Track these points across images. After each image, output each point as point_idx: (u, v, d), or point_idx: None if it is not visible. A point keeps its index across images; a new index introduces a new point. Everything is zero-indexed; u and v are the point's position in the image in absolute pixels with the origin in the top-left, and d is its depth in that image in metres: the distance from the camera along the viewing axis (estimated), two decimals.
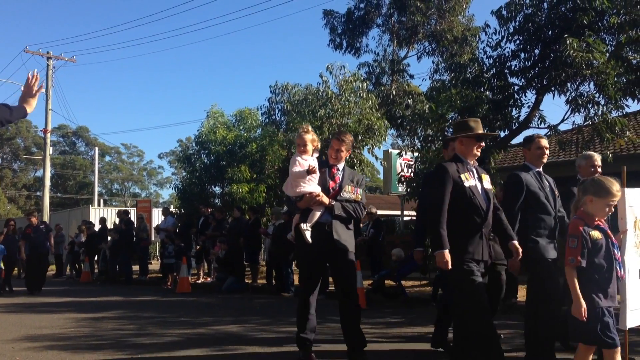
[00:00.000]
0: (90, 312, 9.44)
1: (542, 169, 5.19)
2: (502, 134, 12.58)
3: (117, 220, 18.31)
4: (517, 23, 11.78)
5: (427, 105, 11.63)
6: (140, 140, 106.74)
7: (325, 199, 5.05)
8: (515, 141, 14.22)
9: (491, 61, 12.28)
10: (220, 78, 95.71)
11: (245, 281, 13.72)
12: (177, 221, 16.69)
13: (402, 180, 12.43)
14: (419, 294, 11.07)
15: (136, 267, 17.24)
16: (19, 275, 18.13)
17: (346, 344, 5.21)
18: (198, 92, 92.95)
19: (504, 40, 11.98)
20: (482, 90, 11.84)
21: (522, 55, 11.90)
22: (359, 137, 14.89)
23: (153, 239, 21.64)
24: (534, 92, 12.16)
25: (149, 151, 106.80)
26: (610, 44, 11.31)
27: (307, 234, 4.99)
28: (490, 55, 12.33)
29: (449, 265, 4.26)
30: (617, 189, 3.74)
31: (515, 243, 4.55)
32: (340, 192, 5.15)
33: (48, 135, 27.61)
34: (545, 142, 5.19)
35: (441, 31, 19.96)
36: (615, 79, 10.39)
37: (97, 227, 18.45)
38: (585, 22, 10.66)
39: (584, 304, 3.58)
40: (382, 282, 10.82)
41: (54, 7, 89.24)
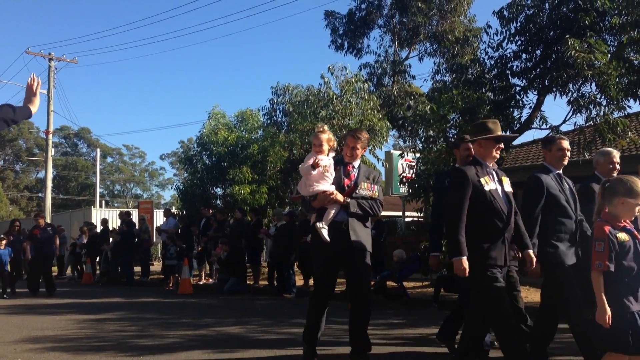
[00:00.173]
0: (92, 314, 9.45)
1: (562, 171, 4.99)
2: None
3: (119, 221, 18.32)
4: (518, 24, 11.76)
5: (429, 106, 11.61)
6: (142, 141, 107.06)
7: (340, 197, 4.97)
8: (516, 142, 14.22)
9: (492, 62, 12.26)
10: (221, 79, 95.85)
11: (247, 282, 13.71)
12: (178, 222, 16.70)
13: (404, 181, 12.41)
14: (420, 295, 11.07)
15: (138, 269, 17.24)
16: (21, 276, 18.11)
17: (351, 345, 5.17)
18: (199, 93, 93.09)
19: (506, 40, 11.97)
20: (483, 91, 11.82)
21: (524, 55, 11.88)
22: None
23: (154, 240, 21.64)
24: (535, 93, 12.14)
25: (150, 152, 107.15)
26: (612, 44, 11.29)
27: (324, 232, 4.93)
28: (491, 56, 12.32)
29: (467, 272, 4.13)
30: None
31: (530, 252, 4.42)
32: (356, 189, 5.08)
33: (50, 136, 27.64)
34: (566, 144, 4.99)
35: (442, 32, 19.98)
36: (617, 79, 10.36)
37: (98, 229, 18.46)
38: (587, 22, 10.64)
39: (608, 310, 3.43)
40: (383, 283, 10.81)
41: (56, 9, 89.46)
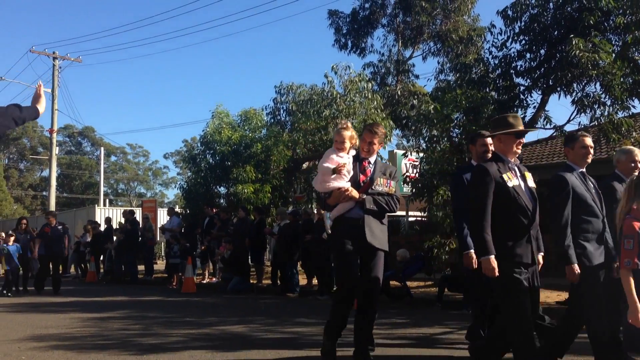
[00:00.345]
0: (95, 312, 9.48)
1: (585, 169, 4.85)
2: None
3: (123, 220, 18.36)
4: (522, 23, 11.75)
5: (432, 106, 11.60)
6: (146, 140, 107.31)
7: (355, 194, 4.88)
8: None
9: (497, 61, 12.25)
10: (225, 78, 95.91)
11: (250, 281, 13.72)
12: (182, 221, 16.73)
13: (407, 180, 12.39)
14: (424, 294, 11.06)
15: (141, 267, 17.28)
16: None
17: (355, 345, 5.14)
18: (203, 93, 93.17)
19: (510, 40, 11.95)
20: (487, 90, 11.81)
21: (528, 55, 11.86)
22: None
23: (158, 239, 21.68)
24: (539, 92, 12.13)
25: (154, 151, 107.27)
26: (616, 44, 11.26)
27: (328, 223, 4.88)
28: (495, 55, 12.31)
29: (496, 272, 3.99)
30: None
31: (540, 257, 4.33)
32: (372, 185, 4.99)
33: (54, 135, 27.73)
34: (590, 141, 4.83)
35: (446, 31, 19.94)
36: (622, 79, 10.34)
37: (102, 227, 18.53)
38: (591, 22, 10.62)
39: None
40: (387, 282, 10.81)
41: (60, 7, 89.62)
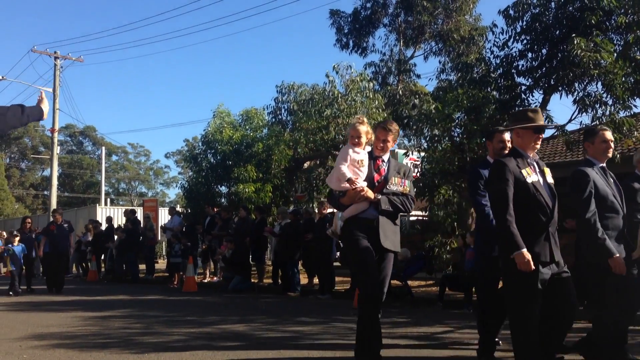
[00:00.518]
0: (97, 311, 9.48)
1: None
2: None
3: (124, 219, 18.37)
4: (524, 22, 11.74)
5: (434, 105, 11.61)
6: (147, 139, 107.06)
7: (370, 194, 4.70)
8: None
9: (498, 61, 12.25)
10: (226, 78, 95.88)
11: (251, 281, 13.73)
12: (183, 220, 16.74)
13: None
14: (425, 294, 11.07)
15: (143, 266, 17.30)
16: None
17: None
18: (204, 92, 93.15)
19: (511, 39, 11.94)
20: (489, 90, 11.80)
21: (530, 55, 11.85)
22: None
23: (159, 238, 21.69)
24: (541, 92, 12.12)
25: (155, 151, 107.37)
26: (618, 43, 11.26)
27: (339, 224, 4.68)
28: (497, 55, 12.30)
29: (532, 265, 3.82)
30: None
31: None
32: (386, 184, 4.83)
33: (55, 134, 27.73)
34: (610, 135, 4.76)
35: (448, 31, 19.93)
36: (623, 78, 10.33)
37: (103, 226, 18.53)
38: (593, 21, 10.61)
39: None
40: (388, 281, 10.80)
41: (62, 7, 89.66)
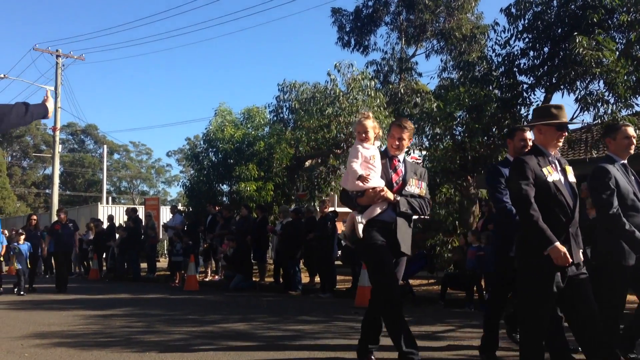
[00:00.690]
0: (98, 310, 9.48)
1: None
2: None
3: (126, 218, 18.38)
4: (526, 21, 11.73)
5: (435, 104, 11.62)
6: (149, 138, 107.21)
7: (390, 195, 4.54)
8: None
9: (500, 59, 12.24)
10: (228, 76, 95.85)
11: (253, 279, 13.74)
12: (185, 219, 16.74)
13: None
14: (426, 292, 11.06)
15: (144, 265, 17.31)
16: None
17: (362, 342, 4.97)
18: (206, 90, 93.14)
19: (513, 38, 11.94)
20: (490, 88, 11.80)
21: (531, 53, 11.85)
22: None
23: (161, 237, 21.70)
24: (543, 90, 12.11)
25: (157, 149, 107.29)
26: (620, 42, 11.24)
27: (360, 227, 4.48)
28: (499, 53, 12.30)
29: (569, 258, 3.67)
30: None
31: (581, 254, 4.01)
32: (404, 186, 4.66)
33: (57, 133, 27.73)
34: (632, 131, 4.66)
35: (450, 29, 19.89)
36: (625, 77, 10.32)
37: (105, 225, 18.54)
38: (595, 20, 10.60)
39: None
40: None
41: (63, 5, 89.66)
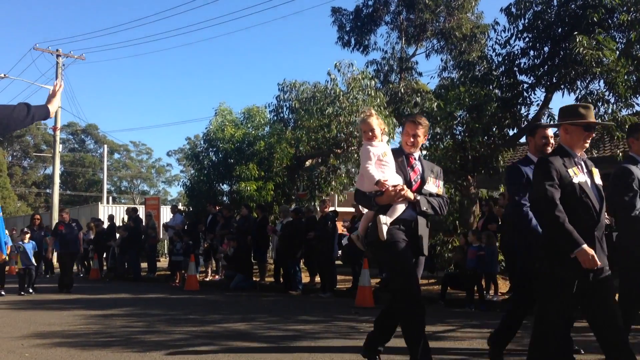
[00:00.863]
0: (98, 309, 9.49)
1: None
2: (510, 133, 12.54)
3: (126, 217, 18.38)
4: (526, 20, 11.73)
5: (436, 103, 11.62)
6: (149, 138, 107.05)
7: (410, 194, 4.38)
8: (524, 139, 14.15)
9: (500, 59, 12.25)
10: (228, 76, 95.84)
11: (253, 279, 13.74)
12: (185, 219, 16.74)
13: None
14: (427, 292, 11.04)
15: (144, 265, 17.31)
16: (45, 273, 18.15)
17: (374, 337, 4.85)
18: (206, 90, 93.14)
19: (513, 37, 11.95)
20: (491, 88, 11.80)
21: (532, 52, 11.85)
22: None
23: (161, 237, 21.69)
24: (543, 90, 12.11)
25: (157, 149, 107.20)
26: (620, 41, 11.24)
27: (384, 228, 4.28)
28: (499, 52, 12.30)
29: (597, 261, 3.53)
30: None
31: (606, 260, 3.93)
32: (423, 184, 4.51)
33: (57, 132, 27.74)
34: None
35: (450, 29, 19.87)
36: (626, 77, 10.33)
37: (105, 225, 18.54)
38: (595, 19, 10.59)
39: None
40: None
41: (64, 5, 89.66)
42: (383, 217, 4.30)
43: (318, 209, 13.51)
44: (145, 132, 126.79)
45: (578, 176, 3.77)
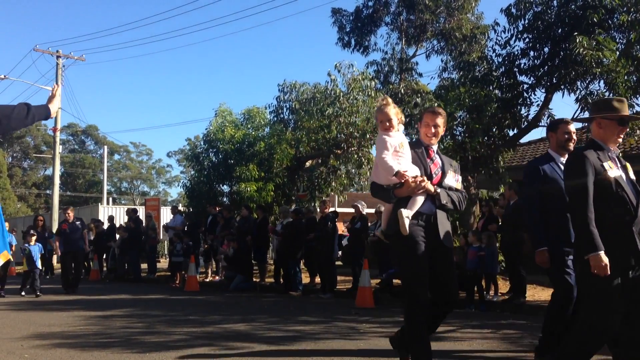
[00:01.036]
0: (98, 310, 9.48)
1: None
2: (510, 133, 12.54)
3: (126, 218, 18.37)
4: (526, 21, 11.74)
5: (436, 104, 11.59)
6: (149, 138, 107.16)
7: (430, 186, 4.24)
8: (524, 140, 14.17)
9: (500, 59, 12.25)
10: (228, 77, 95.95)
11: (253, 280, 13.73)
12: (185, 219, 16.73)
13: None
14: None
15: (144, 266, 17.30)
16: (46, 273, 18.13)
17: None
18: (206, 91, 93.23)
19: (513, 38, 11.95)
20: (491, 88, 11.81)
21: (532, 53, 11.86)
22: (367, 136, 14.88)
23: (161, 237, 21.68)
24: (543, 90, 12.11)
25: (157, 150, 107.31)
26: (620, 42, 11.25)
27: (407, 222, 4.14)
28: (499, 53, 12.31)
29: (609, 270, 3.50)
30: None
31: None
32: (444, 177, 4.39)
33: (57, 133, 27.74)
34: None
35: (450, 29, 19.89)
36: (626, 77, 10.33)
37: (105, 226, 18.53)
38: (595, 20, 10.60)
39: None
40: (390, 281, 10.80)
41: (64, 6, 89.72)
42: (405, 211, 4.16)
43: (318, 210, 13.50)
44: (146, 133, 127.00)
45: (613, 170, 3.70)
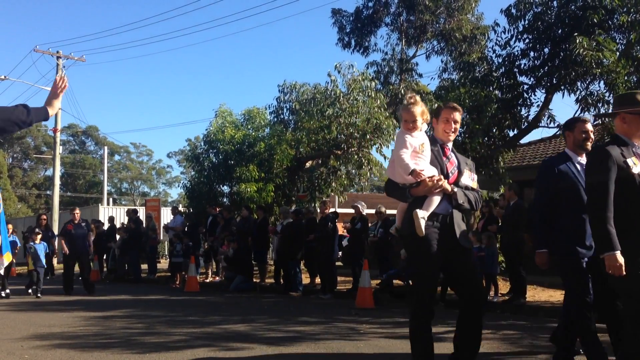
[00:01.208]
0: (98, 311, 9.48)
1: None
2: (511, 134, 12.54)
3: (126, 219, 18.37)
4: (526, 22, 11.74)
5: (436, 105, 11.58)
6: (149, 139, 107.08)
7: (447, 186, 4.12)
8: (524, 140, 14.16)
9: (500, 60, 12.24)
10: (228, 77, 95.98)
11: (253, 280, 13.73)
12: (185, 220, 16.73)
13: None
14: None
15: (145, 266, 17.30)
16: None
17: (459, 347, 4.37)
18: (207, 92, 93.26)
19: (513, 39, 11.95)
20: (491, 89, 11.80)
21: (532, 54, 11.85)
22: (367, 137, 14.89)
23: (161, 238, 21.67)
24: (543, 91, 12.11)
25: (157, 150, 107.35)
26: (620, 42, 11.25)
27: (422, 223, 4.03)
28: (499, 54, 12.30)
29: (624, 269, 3.43)
30: None
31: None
32: (460, 176, 4.26)
33: (58, 134, 27.74)
34: None
35: (450, 30, 19.89)
36: (626, 77, 10.32)
37: (106, 226, 18.53)
38: (595, 20, 10.60)
39: None
40: (390, 281, 10.80)
41: (64, 6, 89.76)
42: (420, 212, 4.05)
43: (318, 210, 13.50)
44: (146, 134, 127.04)
45: (637, 166, 3.61)
